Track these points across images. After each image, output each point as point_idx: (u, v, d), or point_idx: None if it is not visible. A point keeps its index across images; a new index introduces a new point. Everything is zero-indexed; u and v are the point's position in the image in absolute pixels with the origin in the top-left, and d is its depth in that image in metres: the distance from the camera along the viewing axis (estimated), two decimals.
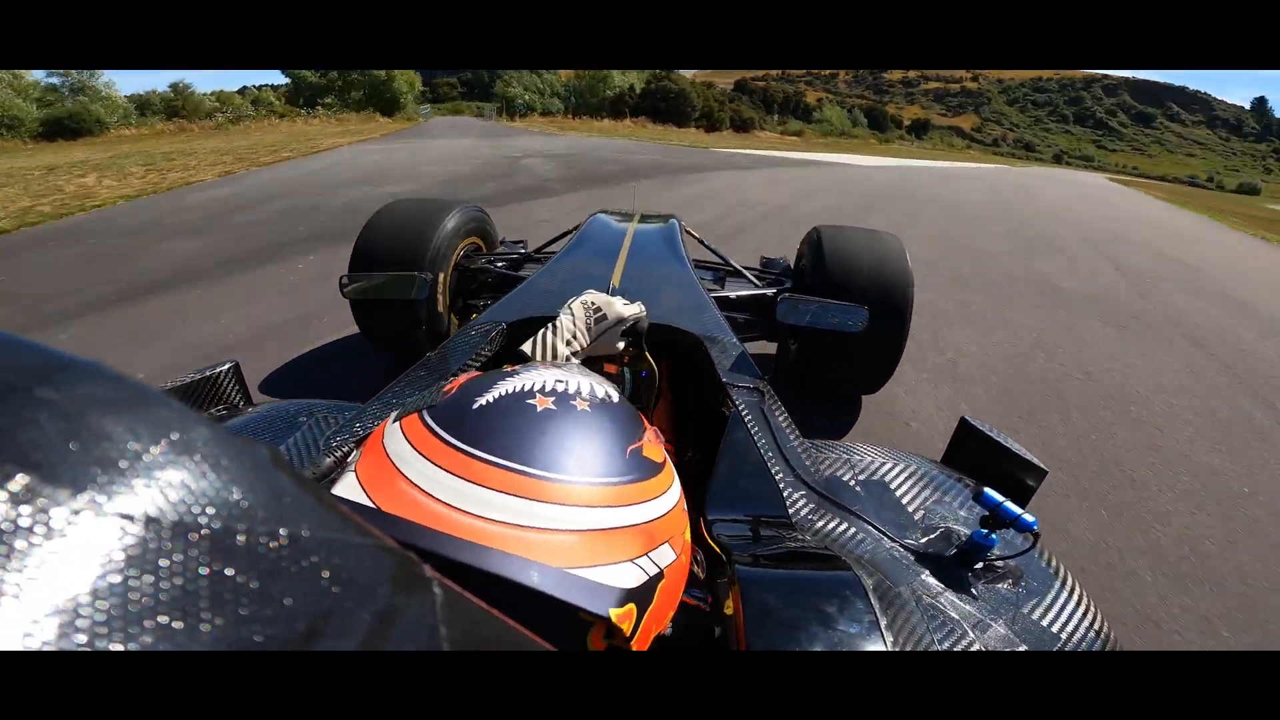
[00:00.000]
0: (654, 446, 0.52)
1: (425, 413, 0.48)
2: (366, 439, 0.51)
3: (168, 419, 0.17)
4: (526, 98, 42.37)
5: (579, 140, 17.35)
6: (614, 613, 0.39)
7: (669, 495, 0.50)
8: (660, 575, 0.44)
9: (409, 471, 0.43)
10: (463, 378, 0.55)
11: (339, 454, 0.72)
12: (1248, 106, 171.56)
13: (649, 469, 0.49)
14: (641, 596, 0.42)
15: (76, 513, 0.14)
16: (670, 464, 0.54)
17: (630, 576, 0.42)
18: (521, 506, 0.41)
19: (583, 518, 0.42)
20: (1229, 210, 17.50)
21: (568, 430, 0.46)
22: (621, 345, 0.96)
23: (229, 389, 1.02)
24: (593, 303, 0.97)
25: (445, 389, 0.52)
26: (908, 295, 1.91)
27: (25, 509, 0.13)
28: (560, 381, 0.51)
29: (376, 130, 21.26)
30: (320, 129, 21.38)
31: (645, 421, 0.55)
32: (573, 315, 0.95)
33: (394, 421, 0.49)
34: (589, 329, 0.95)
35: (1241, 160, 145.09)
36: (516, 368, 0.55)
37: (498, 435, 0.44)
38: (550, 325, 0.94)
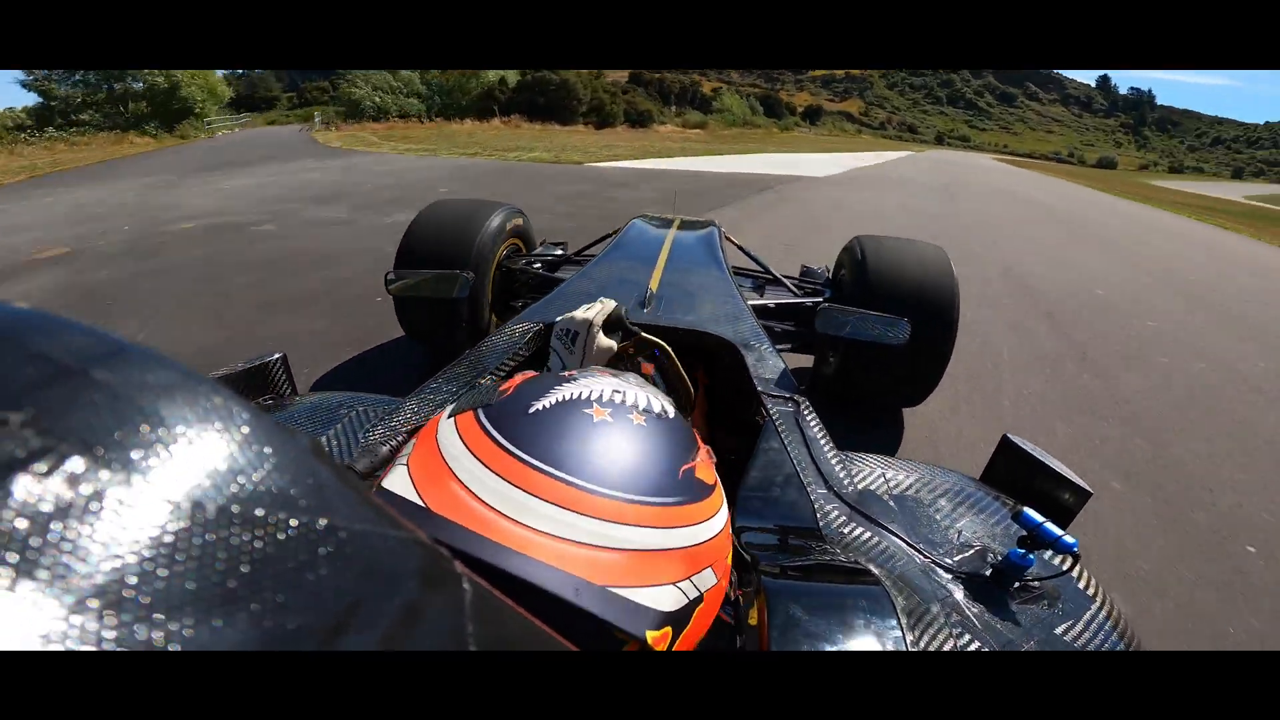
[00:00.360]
0: (706, 467, 0.51)
1: (480, 411, 0.47)
2: (420, 430, 0.50)
3: (217, 406, 0.17)
4: (377, 99, 34.64)
5: (389, 164, 11.24)
6: (650, 635, 0.39)
7: (717, 519, 0.49)
8: (699, 599, 0.44)
9: (460, 472, 0.43)
10: (519, 378, 0.54)
11: (393, 444, 0.74)
12: (1094, 84, 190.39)
13: (700, 491, 0.48)
14: (679, 620, 0.42)
15: (127, 495, 0.14)
16: (720, 487, 0.52)
17: (670, 600, 0.41)
18: (570, 519, 0.40)
19: (630, 536, 0.41)
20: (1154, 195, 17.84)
21: (622, 445, 0.46)
22: (614, 344, 0.91)
23: (277, 380, 1.04)
24: (564, 331, 0.91)
25: (502, 388, 0.51)
26: (954, 306, 1.91)
27: (82, 489, 0.14)
28: (618, 392, 0.51)
29: (95, 156, 14.13)
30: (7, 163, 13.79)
31: (699, 440, 0.54)
32: (559, 356, 0.92)
33: (449, 417, 0.48)
34: (575, 351, 0.90)
35: (1094, 135, 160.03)
36: (575, 373, 0.54)
37: (552, 443, 0.44)
38: (547, 370, 0.87)
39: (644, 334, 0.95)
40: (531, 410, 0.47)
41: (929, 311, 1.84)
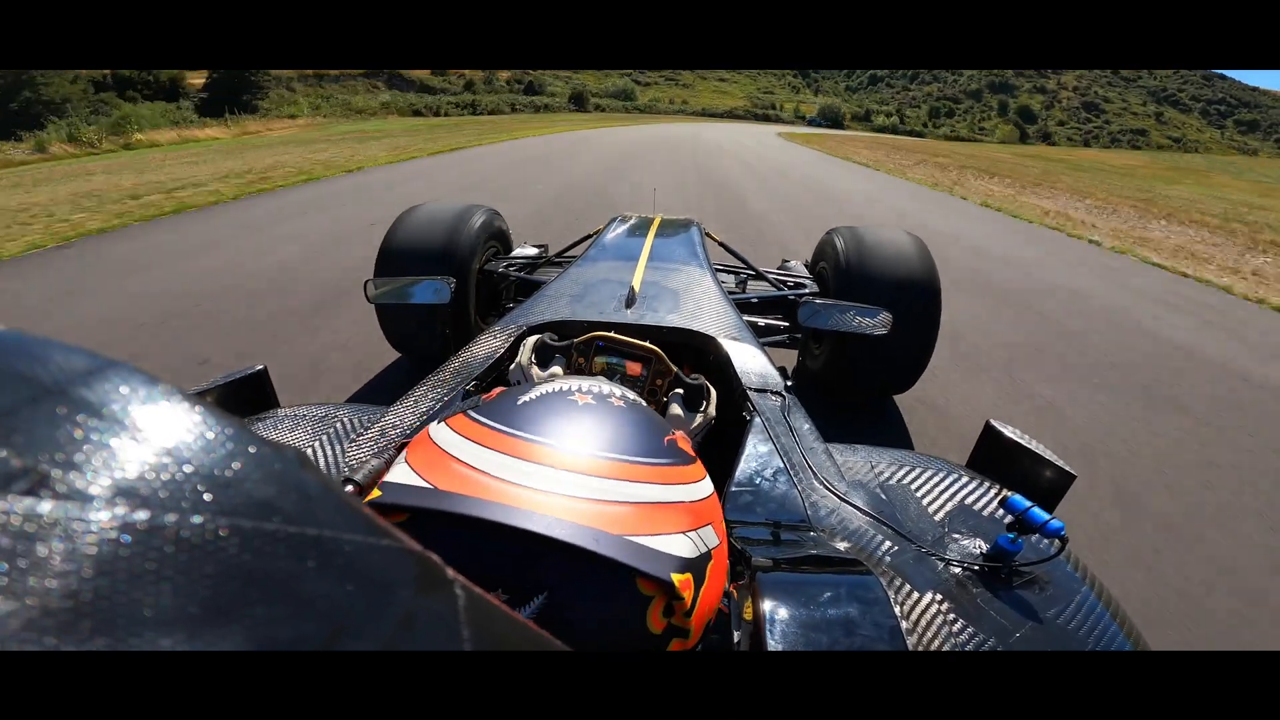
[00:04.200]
0: (686, 442, 0.54)
1: (470, 411, 0.48)
2: (409, 444, 0.50)
3: (198, 422, 0.17)
4: None
5: None
6: (676, 578, 0.39)
7: (705, 483, 0.50)
8: (709, 555, 0.44)
9: (461, 454, 0.43)
10: (497, 390, 0.57)
11: (387, 456, 0.72)
12: None
13: (685, 458, 0.50)
14: (697, 569, 0.42)
15: (111, 512, 0.14)
16: (700, 460, 0.54)
17: (684, 547, 0.42)
18: (575, 480, 0.41)
19: (635, 491, 0.42)
20: None
21: (609, 419, 0.48)
22: (557, 369, 0.95)
23: (256, 392, 1.02)
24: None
25: (484, 398, 0.53)
26: (935, 293, 1.93)
27: (61, 508, 0.14)
28: (594, 384, 0.54)
29: None
30: None
31: (676, 427, 0.58)
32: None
33: (439, 423, 0.49)
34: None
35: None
36: (548, 375, 0.58)
37: (543, 420, 0.46)
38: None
39: (575, 339, 0.98)
40: (520, 401, 0.49)
41: (910, 298, 1.87)
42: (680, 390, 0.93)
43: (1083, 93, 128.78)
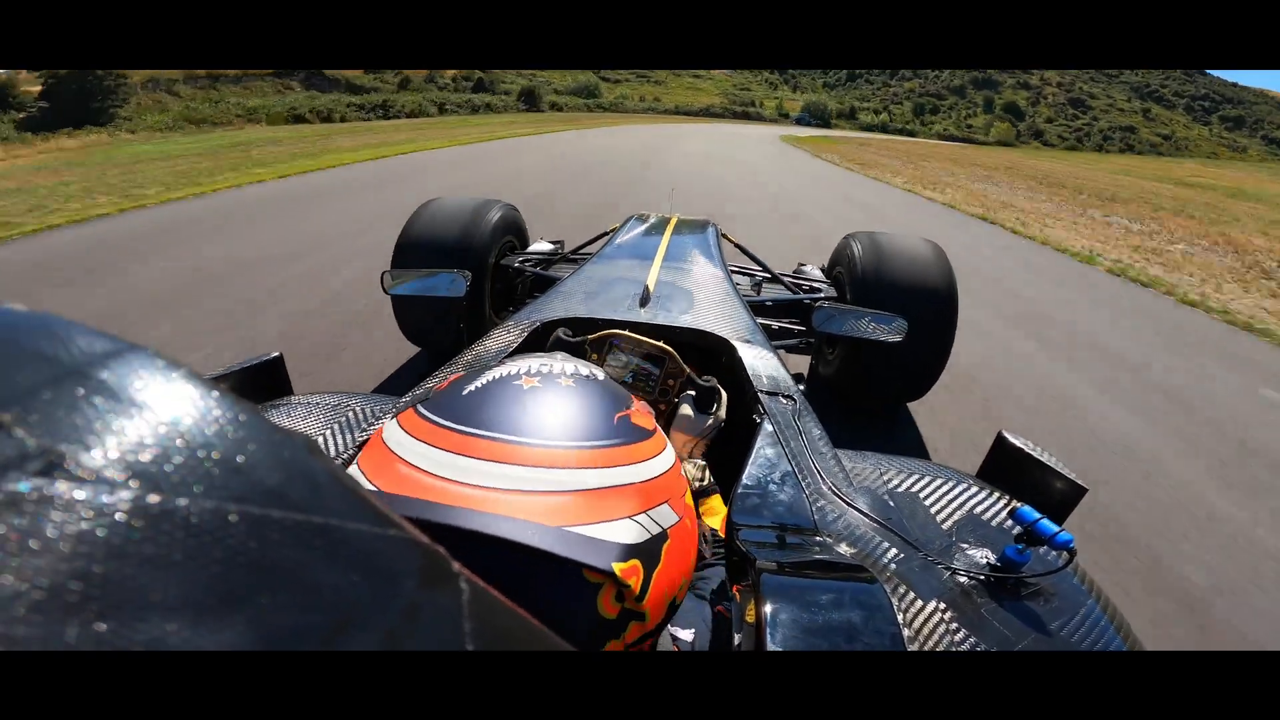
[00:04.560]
0: (643, 415, 0.52)
1: (419, 406, 0.48)
2: (368, 440, 0.51)
3: (213, 406, 0.17)
4: None
5: None
6: (618, 567, 0.39)
7: (662, 458, 0.49)
8: (664, 535, 0.44)
9: (405, 455, 0.43)
10: (452, 376, 0.56)
11: (344, 457, 0.73)
12: None
13: (638, 434, 0.49)
14: (646, 553, 0.42)
15: (122, 495, 0.14)
16: (660, 432, 0.53)
17: (629, 533, 0.41)
18: (515, 472, 0.41)
19: (573, 479, 0.42)
20: None
21: (554, 403, 0.47)
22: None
23: (272, 379, 1.03)
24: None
25: (437, 386, 0.53)
26: (952, 302, 1.95)
27: (79, 490, 0.14)
28: (544, 365, 0.53)
29: None
30: None
31: (634, 397, 0.55)
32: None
33: (391, 419, 0.49)
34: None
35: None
36: (502, 359, 0.54)
37: (486, 412, 0.45)
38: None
39: (590, 336, 1.01)
40: (465, 392, 0.48)
41: (926, 306, 1.88)
42: (692, 392, 0.94)
43: (1067, 88, 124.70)
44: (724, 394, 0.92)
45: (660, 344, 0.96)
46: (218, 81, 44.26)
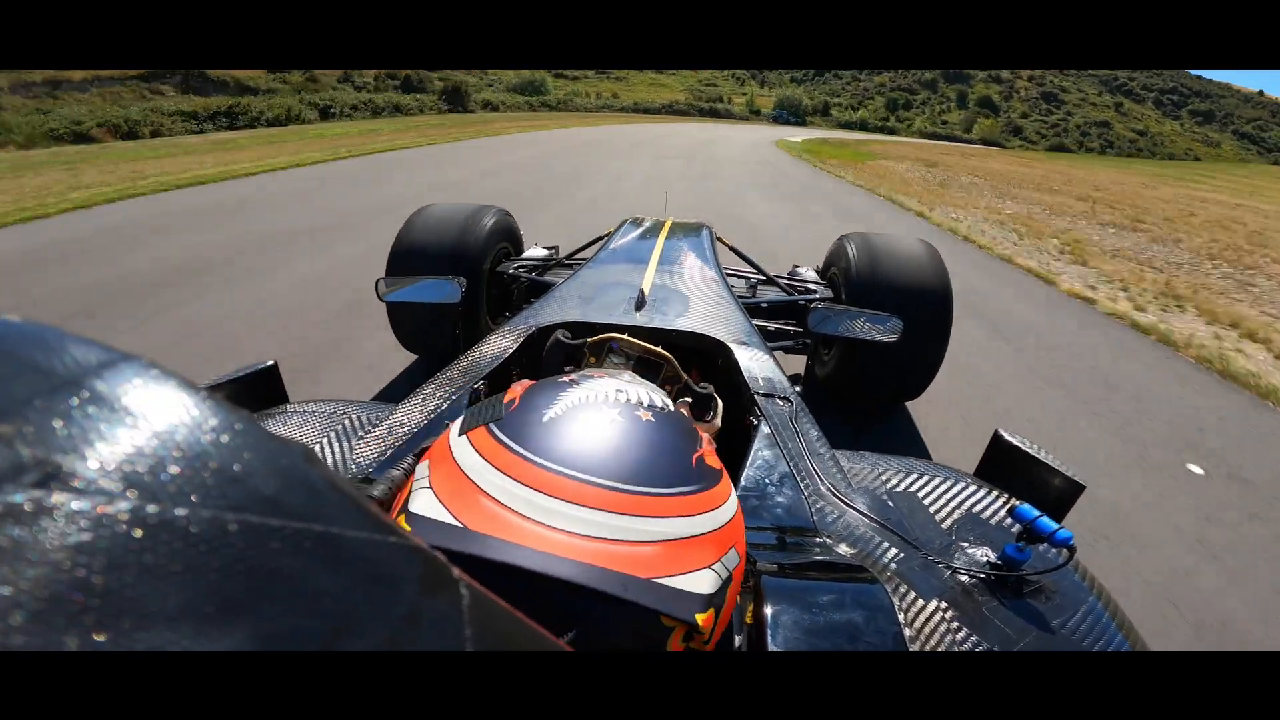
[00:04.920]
0: (711, 455, 0.52)
1: (493, 426, 0.47)
2: (427, 451, 0.50)
3: (209, 415, 0.17)
4: None
5: None
6: (699, 617, 0.40)
7: (732, 501, 0.49)
8: (730, 579, 0.45)
9: (486, 486, 0.43)
10: (519, 387, 0.54)
11: (404, 466, 0.71)
12: None
13: (713, 477, 0.49)
14: (719, 599, 0.43)
15: (120, 505, 0.14)
16: (725, 472, 0.53)
17: (708, 583, 0.42)
18: (603, 519, 0.41)
19: (661, 529, 0.42)
20: None
21: (637, 442, 0.47)
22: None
23: (268, 387, 1.02)
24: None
25: (506, 400, 0.51)
26: (947, 302, 1.97)
27: (76, 501, 0.14)
28: (620, 391, 0.52)
29: None
30: None
31: (699, 429, 0.55)
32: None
33: (459, 435, 0.48)
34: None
35: None
36: (574, 376, 0.55)
37: (570, 447, 0.45)
38: None
39: (589, 339, 0.98)
40: (545, 419, 0.47)
41: (922, 306, 1.90)
42: (689, 399, 0.92)
43: (1039, 82, 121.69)
44: (720, 401, 0.91)
45: (658, 349, 0.95)
46: (58, 88, 34.86)
